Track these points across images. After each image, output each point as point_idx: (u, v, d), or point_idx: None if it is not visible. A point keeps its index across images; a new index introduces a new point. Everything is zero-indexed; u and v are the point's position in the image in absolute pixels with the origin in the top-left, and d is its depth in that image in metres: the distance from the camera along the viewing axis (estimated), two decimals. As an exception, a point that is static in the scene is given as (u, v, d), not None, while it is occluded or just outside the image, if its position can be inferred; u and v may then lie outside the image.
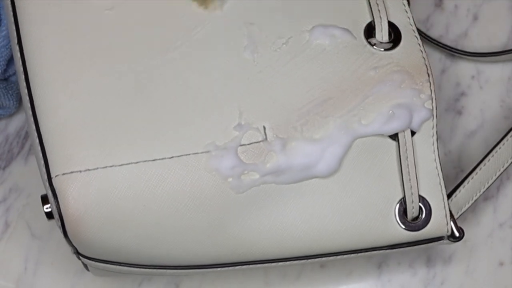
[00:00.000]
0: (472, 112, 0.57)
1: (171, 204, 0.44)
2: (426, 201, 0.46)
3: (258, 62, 0.46)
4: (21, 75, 0.46)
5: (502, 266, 0.53)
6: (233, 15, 0.47)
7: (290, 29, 0.47)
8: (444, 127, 0.56)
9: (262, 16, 0.47)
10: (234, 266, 0.47)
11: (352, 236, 0.46)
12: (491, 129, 0.56)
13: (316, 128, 0.45)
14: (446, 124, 0.56)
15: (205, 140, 0.44)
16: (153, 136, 0.44)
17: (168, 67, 0.46)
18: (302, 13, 0.47)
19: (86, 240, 0.44)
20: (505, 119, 0.56)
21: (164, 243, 0.45)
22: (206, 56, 0.46)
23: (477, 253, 0.53)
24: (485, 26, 0.59)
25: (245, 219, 0.45)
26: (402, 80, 0.46)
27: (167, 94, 0.45)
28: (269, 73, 0.46)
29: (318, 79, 0.46)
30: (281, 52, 0.46)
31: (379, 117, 0.45)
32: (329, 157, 0.45)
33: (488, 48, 0.58)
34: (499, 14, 0.59)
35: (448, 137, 0.56)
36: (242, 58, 0.46)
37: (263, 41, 0.46)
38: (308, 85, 0.46)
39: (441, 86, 0.57)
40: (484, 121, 0.56)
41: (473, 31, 0.59)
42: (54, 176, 0.43)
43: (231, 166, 0.44)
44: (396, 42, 0.47)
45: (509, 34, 0.59)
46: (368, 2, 0.48)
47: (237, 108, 0.45)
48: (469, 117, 0.57)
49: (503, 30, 0.59)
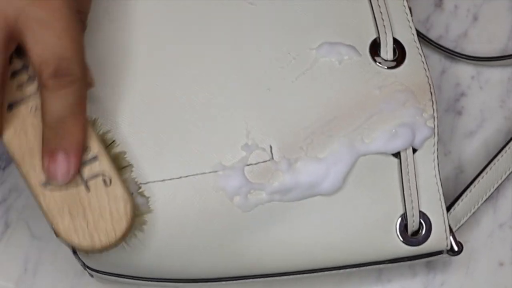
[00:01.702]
0: (472, 112, 0.57)
1: (179, 223, 0.44)
2: (426, 217, 0.47)
3: (267, 79, 0.46)
4: None
5: (502, 267, 0.53)
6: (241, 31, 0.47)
7: (297, 45, 0.47)
8: (444, 127, 0.56)
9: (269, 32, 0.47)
10: (238, 280, 0.47)
11: (354, 251, 0.47)
12: (491, 130, 0.56)
13: (321, 147, 0.46)
14: (446, 124, 0.56)
15: (213, 160, 0.45)
16: (161, 157, 0.45)
17: (174, 85, 0.46)
18: (309, 29, 0.48)
19: (95, 257, 0.45)
20: (505, 119, 0.56)
21: (170, 259, 0.45)
22: (214, 74, 0.46)
23: (477, 254, 0.53)
24: (485, 26, 0.59)
25: (252, 236, 0.45)
26: (405, 99, 0.47)
27: (174, 113, 0.45)
28: (277, 91, 0.46)
29: (324, 98, 0.46)
30: (288, 69, 0.47)
31: (383, 135, 0.46)
32: (333, 175, 0.46)
33: (488, 48, 0.58)
34: (499, 14, 0.59)
35: (448, 138, 0.56)
36: (251, 76, 0.46)
37: (270, 58, 0.47)
38: (314, 103, 0.46)
39: (441, 87, 0.57)
40: (484, 122, 0.56)
41: (473, 31, 0.59)
42: None
43: (238, 185, 0.45)
44: (401, 60, 0.48)
45: (509, 34, 0.59)
46: (373, 18, 0.48)
47: (245, 128, 0.45)
48: (469, 118, 0.57)
49: (503, 30, 0.59)
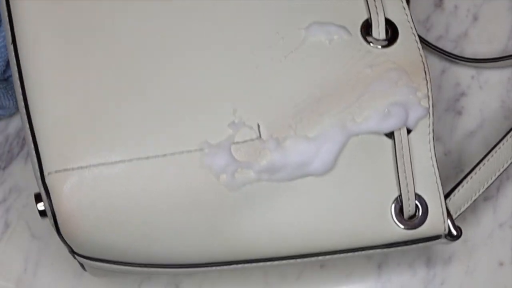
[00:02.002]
0: (472, 112, 0.57)
1: (164, 202, 0.44)
2: (422, 199, 0.46)
3: (254, 58, 0.46)
4: (15, 73, 0.46)
5: (502, 266, 0.53)
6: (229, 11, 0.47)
7: (286, 26, 0.47)
8: (444, 127, 0.56)
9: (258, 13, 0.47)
10: (229, 265, 0.47)
11: (348, 235, 0.46)
12: (491, 129, 0.56)
13: (311, 126, 0.45)
14: (446, 124, 0.56)
15: (199, 137, 0.44)
16: (146, 134, 0.44)
17: (161, 64, 0.45)
18: (299, 9, 0.47)
19: (80, 238, 0.44)
20: (505, 119, 0.56)
21: (158, 241, 0.45)
22: (201, 52, 0.46)
23: (477, 253, 0.53)
24: (485, 26, 0.59)
25: (240, 217, 0.45)
26: (398, 77, 0.46)
27: (160, 91, 0.45)
28: (265, 70, 0.46)
29: (313, 77, 0.46)
30: (277, 49, 0.46)
31: (375, 114, 0.45)
32: (324, 155, 0.45)
33: (488, 48, 0.58)
34: (499, 14, 0.59)
35: (448, 137, 0.56)
36: (238, 54, 0.46)
37: (259, 37, 0.46)
38: (303, 82, 0.45)
39: (441, 86, 0.57)
40: (484, 121, 0.56)
41: (473, 31, 0.59)
42: (47, 173, 0.43)
43: (225, 164, 0.44)
44: (393, 39, 0.47)
45: (509, 34, 0.59)
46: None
47: (231, 106, 0.45)
48: (469, 117, 0.57)
49: (503, 30, 0.59)
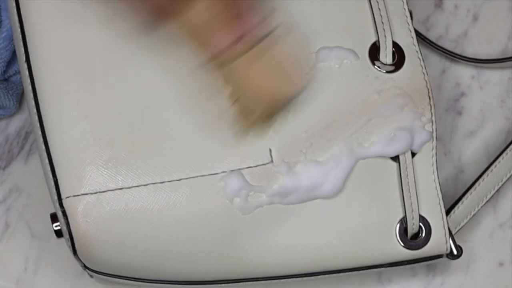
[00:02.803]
0: (472, 112, 0.57)
1: (179, 225, 0.44)
2: (426, 221, 0.47)
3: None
4: (30, 93, 0.46)
5: (502, 266, 0.53)
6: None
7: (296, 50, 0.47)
8: (444, 127, 0.56)
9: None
10: (237, 282, 0.47)
11: (354, 255, 0.47)
12: (491, 130, 0.56)
13: (321, 151, 0.46)
14: (446, 124, 0.56)
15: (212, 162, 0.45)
16: (162, 158, 0.45)
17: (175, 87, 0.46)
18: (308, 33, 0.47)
19: (95, 258, 0.45)
20: (505, 119, 0.56)
21: (170, 261, 0.45)
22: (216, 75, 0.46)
23: (477, 254, 0.53)
24: (485, 26, 0.59)
25: (251, 239, 0.45)
26: (404, 103, 0.47)
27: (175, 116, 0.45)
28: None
29: (323, 102, 0.46)
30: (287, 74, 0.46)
31: (382, 139, 0.46)
32: (333, 179, 0.46)
33: (488, 48, 0.58)
34: (499, 14, 0.59)
35: (448, 137, 0.56)
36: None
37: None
38: (313, 107, 0.46)
39: (441, 87, 0.57)
40: (484, 122, 0.56)
41: (473, 31, 0.59)
42: (65, 197, 0.44)
43: (238, 187, 0.44)
44: (400, 64, 0.48)
45: (509, 35, 0.59)
46: (373, 21, 0.48)
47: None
48: (469, 118, 0.56)
49: (503, 30, 0.59)
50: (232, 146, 0.45)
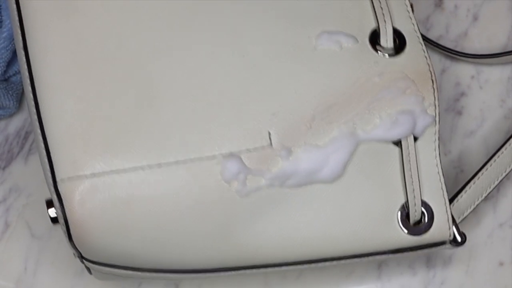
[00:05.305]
0: (472, 112, 0.57)
1: (176, 208, 0.44)
2: (428, 206, 0.47)
3: (264, 66, 0.46)
4: (27, 79, 0.46)
5: (502, 266, 0.53)
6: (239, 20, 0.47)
7: (296, 35, 0.47)
8: (444, 127, 0.56)
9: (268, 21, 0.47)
10: (237, 270, 0.47)
11: (355, 241, 0.46)
12: (491, 129, 0.56)
13: (321, 134, 0.45)
14: (446, 124, 0.56)
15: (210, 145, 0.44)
16: (158, 141, 0.44)
17: (173, 72, 0.46)
18: (308, 19, 0.47)
19: (91, 244, 0.44)
20: (505, 119, 0.56)
21: (169, 247, 0.45)
22: (212, 60, 0.46)
23: (477, 253, 0.53)
24: (485, 26, 0.59)
25: (250, 224, 0.45)
26: (406, 86, 0.46)
27: (172, 99, 0.45)
28: (275, 78, 0.46)
29: (323, 85, 0.46)
30: (287, 57, 0.46)
31: (383, 123, 0.46)
32: (333, 163, 0.45)
33: (488, 48, 0.58)
34: (499, 14, 0.59)
35: (448, 137, 0.56)
36: (248, 63, 0.46)
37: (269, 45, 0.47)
38: (313, 91, 0.46)
39: (441, 86, 0.57)
40: (484, 121, 0.56)
41: (473, 31, 0.59)
42: (59, 179, 0.43)
43: (236, 171, 0.44)
44: (401, 48, 0.47)
45: (509, 34, 0.59)
46: (373, 8, 0.48)
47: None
48: (469, 117, 0.57)
49: (503, 30, 0.59)
50: (230, 129, 0.45)
